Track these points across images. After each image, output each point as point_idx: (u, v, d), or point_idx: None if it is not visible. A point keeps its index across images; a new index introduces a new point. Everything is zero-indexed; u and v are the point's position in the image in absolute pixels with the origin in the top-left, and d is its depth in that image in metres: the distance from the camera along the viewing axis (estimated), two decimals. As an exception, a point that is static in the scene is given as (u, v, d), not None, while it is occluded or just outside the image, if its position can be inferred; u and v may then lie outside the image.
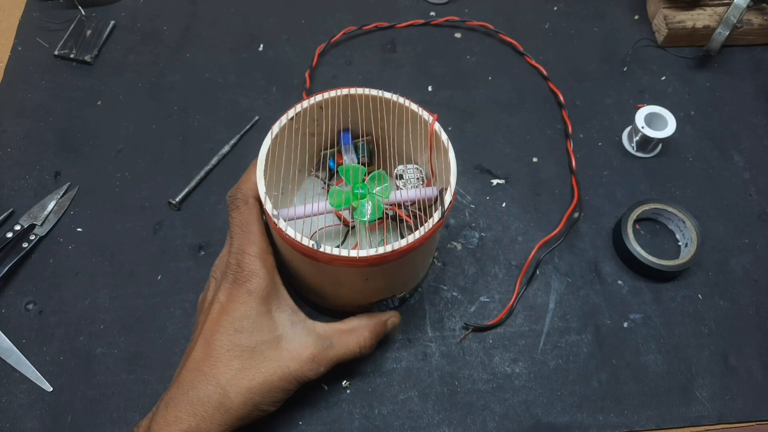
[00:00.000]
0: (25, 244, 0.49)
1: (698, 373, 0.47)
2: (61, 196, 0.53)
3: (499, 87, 0.61)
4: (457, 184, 0.39)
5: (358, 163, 0.46)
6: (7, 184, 0.53)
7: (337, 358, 0.40)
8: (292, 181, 0.46)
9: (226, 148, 0.56)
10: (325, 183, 0.47)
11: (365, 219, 0.41)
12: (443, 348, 0.47)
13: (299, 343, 0.39)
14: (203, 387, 0.36)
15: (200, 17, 0.65)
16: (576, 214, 0.53)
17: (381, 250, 0.36)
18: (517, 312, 0.49)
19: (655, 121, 0.56)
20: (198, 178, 0.54)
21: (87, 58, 0.60)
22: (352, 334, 0.41)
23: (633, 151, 0.57)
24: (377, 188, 0.42)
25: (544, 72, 0.62)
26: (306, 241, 0.36)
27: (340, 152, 0.46)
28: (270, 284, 0.38)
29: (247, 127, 0.57)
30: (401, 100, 0.42)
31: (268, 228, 0.41)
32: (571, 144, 0.57)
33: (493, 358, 0.47)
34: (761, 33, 0.64)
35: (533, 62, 0.63)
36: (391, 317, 0.44)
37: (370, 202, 0.41)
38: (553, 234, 0.52)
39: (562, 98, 0.60)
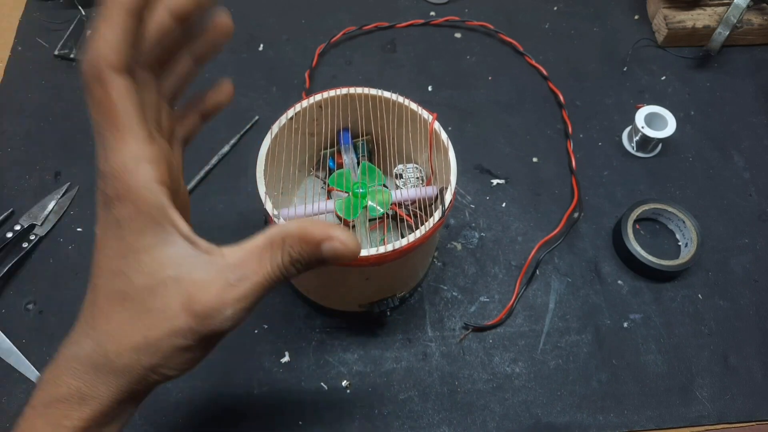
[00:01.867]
0: (25, 244, 0.49)
1: (698, 373, 0.47)
2: (61, 196, 0.53)
3: (499, 87, 0.61)
4: (457, 183, 0.39)
5: (357, 162, 0.46)
6: (7, 184, 0.53)
7: (253, 292, 0.28)
8: (292, 181, 0.46)
9: (226, 148, 0.56)
10: (324, 183, 0.47)
11: (380, 212, 0.41)
12: (443, 348, 0.47)
13: (192, 284, 0.27)
14: (83, 343, 0.28)
15: (200, 17, 0.65)
16: (576, 214, 0.53)
17: (381, 250, 0.36)
18: (517, 312, 0.49)
19: (655, 121, 0.56)
20: (198, 178, 0.54)
21: (87, 58, 0.60)
22: (268, 250, 0.28)
23: (633, 151, 0.57)
24: (373, 183, 0.42)
25: (544, 72, 0.62)
26: (306, 241, 0.36)
27: (339, 152, 0.46)
28: (151, 209, 0.27)
29: (247, 127, 0.57)
30: (401, 99, 0.42)
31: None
32: (571, 144, 0.57)
33: (493, 358, 0.47)
34: (761, 33, 0.64)
35: (533, 62, 0.63)
36: (333, 240, 0.28)
37: (371, 199, 0.41)
38: (552, 234, 0.52)
39: (562, 98, 0.60)
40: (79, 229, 0.52)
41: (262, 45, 0.63)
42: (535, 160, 0.57)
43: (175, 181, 0.30)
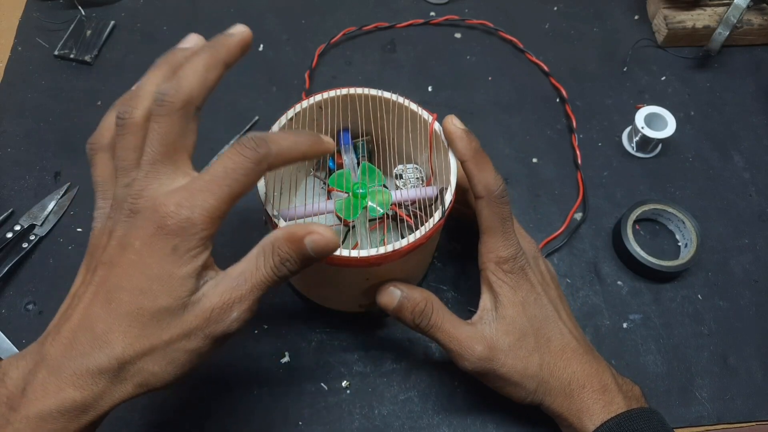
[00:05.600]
0: (25, 245, 0.49)
1: (698, 373, 0.47)
2: (61, 196, 0.53)
3: (499, 87, 0.61)
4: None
5: (357, 163, 0.46)
6: (7, 184, 0.53)
7: (252, 292, 0.32)
8: (291, 181, 0.46)
9: (226, 148, 0.56)
10: (324, 183, 0.47)
11: (380, 213, 0.41)
12: (443, 348, 0.47)
13: (204, 295, 0.31)
14: (95, 356, 0.29)
15: (200, 17, 0.65)
16: (578, 215, 0.53)
17: (381, 250, 0.36)
18: (516, 312, 0.49)
19: (655, 122, 0.56)
20: (198, 178, 0.54)
21: (87, 58, 0.60)
22: (261, 255, 0.32)
23: (633, 152, 0.57)
24: (373, 183, 0.42)
25: (545, 68, 0.62)
26: (306, 242, 0.36)
27: (339, 152, 0.46)
28: (204, 247, 0.31)
29: (247, 127, 0.57)
30: (401, 99, 0.42)
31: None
32: (576, 139, 0.57)
33: (493, 358, 0.47)
34: (761, 33, 0.64)
35: (534, 59, 0.63)
36: (313, 233, 0.31)
37: (371, 199, 0.41)
38: (554, 236, 0.52)
39: (564, 93, 0.60)
40: (79, 229, 0.52)
41: (262, 45, 0.63)
42: (534, 160, 0.57)
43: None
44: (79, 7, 0.63)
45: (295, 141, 0.33)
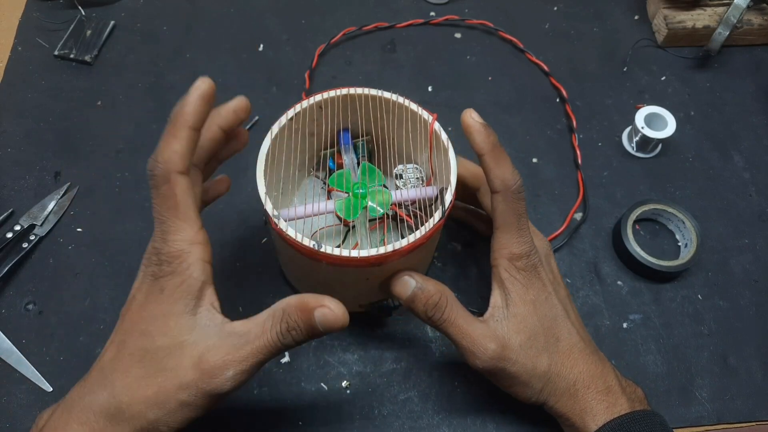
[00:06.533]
0: (25, 245, 0.49)
1: (698, 373, 0.47)
2: (61, 197, 0.53)
3: (499, 87, 0.61)
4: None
5: (357, 163, 0.46)
6: (7, 184, 0.53)
7: (253, 355, 0.32)
8: (291, 181, 0.46)
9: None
10: (324, 183, 0.47)
11: (381, 213, 0.41)
12: (443, 348, 0.47)
13: (205, 347, 0.32)
14: (98, 393, 0.32)
15: (200, 17, 0.65)
16: (578, 215, 0.53)
17: (381, 250, 0.36)
18: (516, 312, 0.49)
19: (655, 122, 0.56)
20: (198, 178, 0.54)
21: (87, 58, 0.60)
22: (269, 320, 0.33)
23: (633, 152, 0.57)
24: (373, 183, 0.42)
25: (545, 68, 0.62)
26: (306, 242, 0.36)
27: (339, 152, 0.46)
28: (191, 282, 0.33)
29: (247, 127, 0.57)
30: (401, 99, 0.42)
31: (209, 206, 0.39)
32: (576, 138, 0.57)
33: (493, 358, 0.47)
34: (761, 33, 0.64)
35: (534, 59, 0.63)
36: (324, 307, 0.33)
37: (371, 199, 0.41)
38: (554, 235, 0.52)
39: (564, 93, 0.60)
40: (79, 230, 0.52)
41: (262, 45, 0.63)
42: (535, 160, 0.57)
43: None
44: (79, 7, 0.63)
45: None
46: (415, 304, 0.38)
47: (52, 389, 0.44)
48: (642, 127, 0.55)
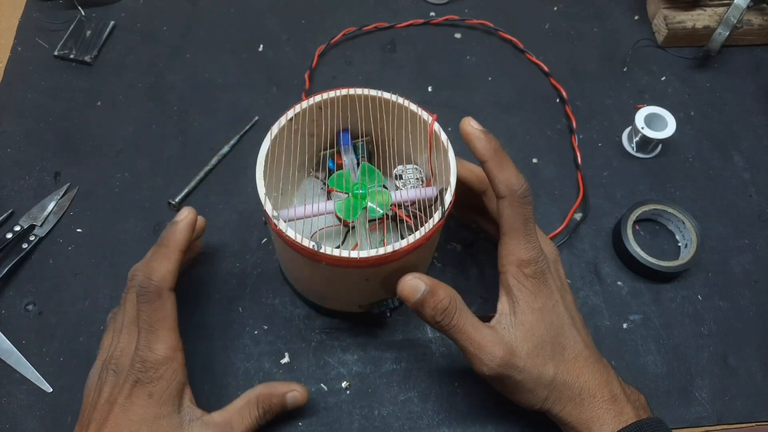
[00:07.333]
0: (24, 245, 0.49)
1: (698, 373, 0.47)
2: (61, 197, 0.53)
3: (499, 87, 0.61)
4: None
5: (357, 163, 0.46)
6: (7, 184, 0.53)
7: None
8: (291, 182, 0.46)
9: (226, 148, 0.56)
10: (324, 183, 0.47)
11: (380, 213, 0.41)
12: (443, 348, 0.47)
13: None
14: None
15: (200, 17, 0.65)
16: (578, 216, 0.53)
17: (381, 251, 0.36)
18: (516, 312, 0.49)
19: (655, 122, 0.56)
20: (198, 178, 0.54)
21: (87, 58, 0.60)
22: (246, 407, 0.39)
23: (633, 152, 0.57)
24: (372, 183, 0.42)
25: (545, 68, 0.62)
26: (306, 242, 0.36)
27: (339, 152, 0.46)
28: (175, 385, 0.37)
29: (247, 127, 0.57)
30: (400, 100, 0.42)
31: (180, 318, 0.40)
32: (576, 139, 0.57)
33: (493, 358, 0.47)
34: (761, 33, 0.64)
35: (534, 59, 0.63)
36: (294, 390, 0.41)
37: (371, 200, 0.41)
38: (554, 235, 0.52)
39: (564, 94, 0.60)
40: (78, 230, 0.52)
41: (261, 45, 0.63)
42: (535, 160, 0.57)
43: None
44: (79, 8, 0.63)
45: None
46: (424, 309, 0.37)
47: (52, 390, 0.44)
48: (642, 128, 0.55)
